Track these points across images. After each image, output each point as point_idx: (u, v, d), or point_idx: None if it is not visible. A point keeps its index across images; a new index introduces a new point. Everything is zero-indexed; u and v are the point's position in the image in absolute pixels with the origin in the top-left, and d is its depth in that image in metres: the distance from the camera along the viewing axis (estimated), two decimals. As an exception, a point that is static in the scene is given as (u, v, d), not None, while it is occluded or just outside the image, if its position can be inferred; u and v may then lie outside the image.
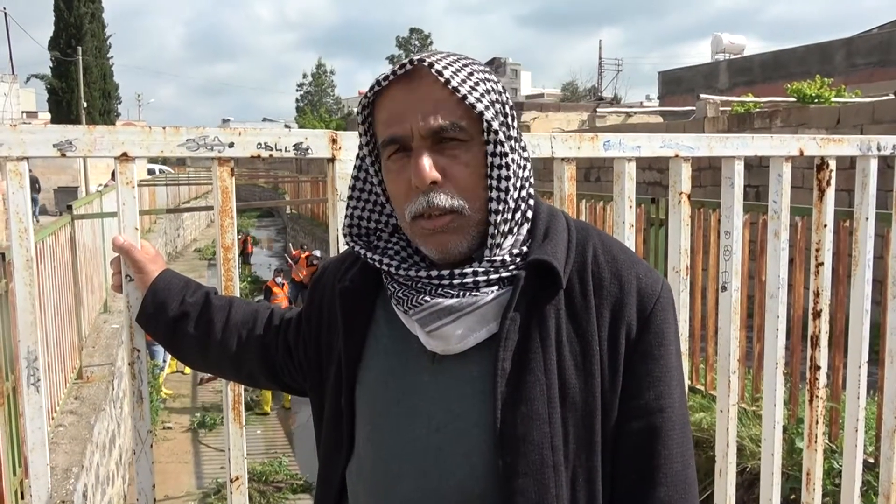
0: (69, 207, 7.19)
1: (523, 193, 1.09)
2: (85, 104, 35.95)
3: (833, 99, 13.18)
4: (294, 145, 1.49)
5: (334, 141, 1.54)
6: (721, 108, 13.44)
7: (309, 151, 1.51)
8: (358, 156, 1.16)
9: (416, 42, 52.60)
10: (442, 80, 1.02)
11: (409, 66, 1.04)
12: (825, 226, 2.14)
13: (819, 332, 2.17)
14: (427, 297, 1.06)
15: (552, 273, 1.05)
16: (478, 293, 1.05)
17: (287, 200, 27.43)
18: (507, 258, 1.06)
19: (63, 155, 1.32)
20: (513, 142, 1.09)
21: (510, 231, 1.09)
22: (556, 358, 1.04)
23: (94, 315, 8.12)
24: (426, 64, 1.03)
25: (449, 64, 1.05)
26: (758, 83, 22.47)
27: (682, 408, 1.10)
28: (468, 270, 1.05)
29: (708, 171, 9.94)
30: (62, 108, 40.45)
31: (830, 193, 2.13)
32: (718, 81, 24.79)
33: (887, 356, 2.36)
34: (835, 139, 2.10)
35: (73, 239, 6.78)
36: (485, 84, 1.06)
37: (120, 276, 1.42)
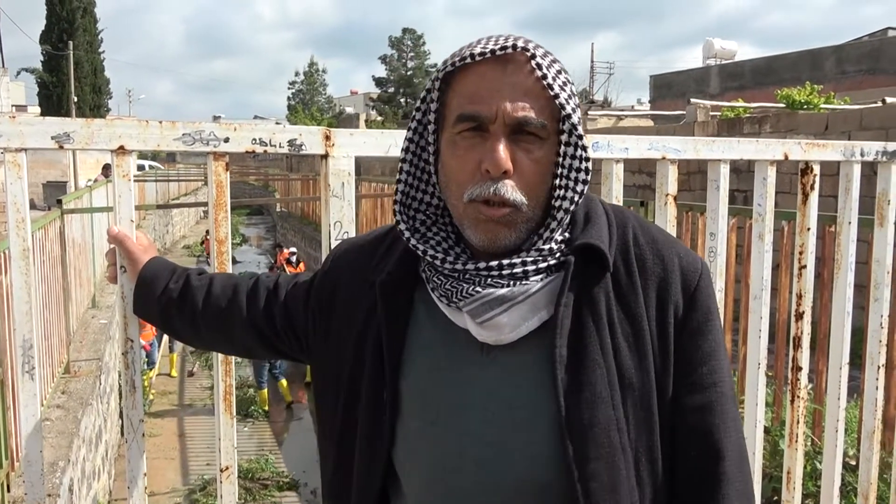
0: (59, 202, 7.17)
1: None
2: (75, 99, 35.77)
3: (822, 105, 13.30)
4: (288, 141, 1.51)
5: (328, 138, 1.56)
6: (711, 113, 13.52)
7: (303, 148, 1.53)
8: (416, 118, 1.12)
9: (409, 42, 52.61)
10: (539, 73, 1.03)
11: (510, 50, 1.03)
12: (808, 229, 2.18)
13: (801, 333, 2.21)
14: (478, 288, 1.05)
15: (599, 256, 1.06)
16: (527, 282, 1.05)
17: (278, 198, 27.36)
18: (553, 246, 1.07)
19: (61, 147, 1.34)
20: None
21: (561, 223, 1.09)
22: (610, 340, 1.05)
23: (81, 310, 8.09)
24: (529, 53, 1.04)
25: (544, 56, 1.05)
26: (748, 88, 22.60)
27: (731, 380, 1.11)
28: (517, 260, 1.05)
29: (697, 176, 10.00)
30: (52, 103, 40.22)
31: (814, 197, 2.17)
32: (709, 86, 24.91)
33: (867, 358, 2.40)
34: (819, 144, 2.14)
35: (63, 234, 6.75)
36: (570, 85, 1.07)
37: (115, 267, 1.44)
